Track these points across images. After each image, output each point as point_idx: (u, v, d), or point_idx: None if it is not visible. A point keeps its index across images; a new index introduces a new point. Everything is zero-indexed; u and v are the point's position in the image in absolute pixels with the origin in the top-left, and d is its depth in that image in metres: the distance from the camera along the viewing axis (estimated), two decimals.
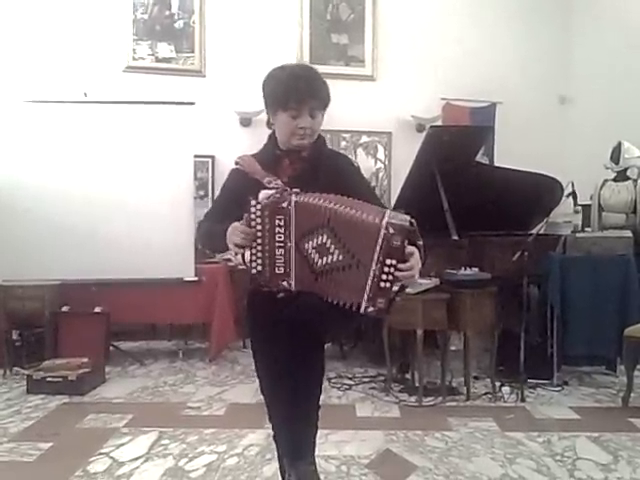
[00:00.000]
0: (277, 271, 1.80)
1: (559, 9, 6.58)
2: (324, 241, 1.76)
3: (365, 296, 1.70)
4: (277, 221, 1.78)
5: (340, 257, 1.74)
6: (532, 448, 2.94)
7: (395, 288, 1.71)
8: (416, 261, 1.70)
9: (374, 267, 1.68)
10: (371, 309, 1.70)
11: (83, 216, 4.54)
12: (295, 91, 1.93)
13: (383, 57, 6.36)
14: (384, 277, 1.68)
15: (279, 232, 1.79)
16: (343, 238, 1.74)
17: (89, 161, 4.64)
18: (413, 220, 1.71)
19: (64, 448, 2.92)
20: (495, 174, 4.44)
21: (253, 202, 1.79)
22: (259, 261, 1.80)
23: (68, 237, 4.50)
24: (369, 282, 1.69)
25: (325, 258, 1.76)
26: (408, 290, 3.53)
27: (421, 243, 1.74)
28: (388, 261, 1.67)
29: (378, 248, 1.67)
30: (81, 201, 4.56)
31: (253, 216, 1.79)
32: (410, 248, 1.70)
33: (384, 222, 1.66)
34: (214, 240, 2.02)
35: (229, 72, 6.05)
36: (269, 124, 2.09)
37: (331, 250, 1.75)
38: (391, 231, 1.65)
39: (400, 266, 1.67)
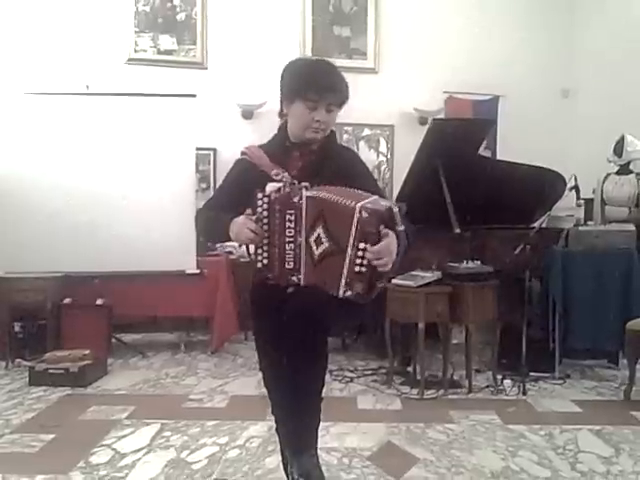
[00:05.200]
0: (287, 266, 1.79)
1: (562, 1, 6.55)
2: (319, 232, 1.75)
3: (343, 280, 1.68)
4: (288, 215, 1.77)
5: (327, 245, 1.73)
6: (534, 441, 2.94)
7: (371, 273, 1.67)
8: (386, 246, 1.65)
9: (350, 252, 1.66)
10: (349, 293, 1.68)
11: (85, 209, 4.54)
12: (317, 83, 1.92)
13: (385, 50, 6.33)
14: (358, 261, 1.65)
15: (289, 227, 1.78)
16: (330, 226, 1.72)
17: (91, 154, 4.64)
18: (394, 206, 1.69)
19: (66, 440, 2.93)
20: (498, 167, 4.42)
21: (260, 195, 1.77)
22: (265, 254, 1.79)
23: (70, 229, 4.50)
24: (346, 266, 1.67)
25: (319, 248, 1.75)
26: (410, 283, 3.55)
27: (401, 229, 1.70)
28: (362, 245, 1.64)
29: (353, 231, 1.65)
30: (83, 193, 4.56)
31: (260, 209, 1.77)
32: (383, 232, 1.66)
33: (358, 206, 1.64)
34: (216, 230, 2.00)
35: (231, 64, 6.02)
36: (281, 114, 2.06)
37: (322, 240, 1.74)
38: (364, 215, 1.63)
39: (370, 249, 1.64)
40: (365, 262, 1.65)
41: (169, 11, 6.02)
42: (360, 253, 1.65)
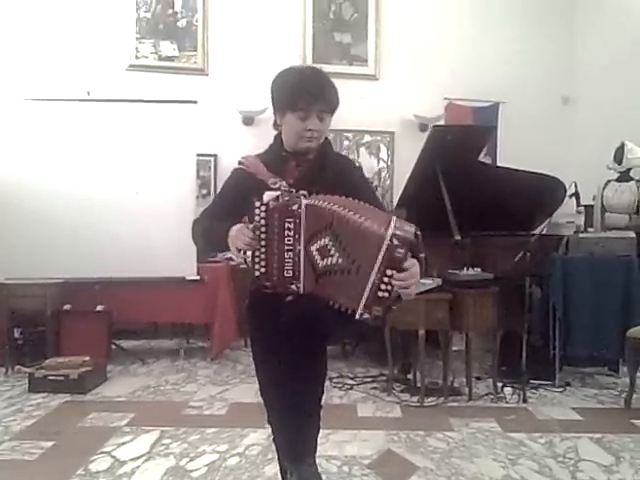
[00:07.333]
0: (286, 274, 1.78)
1: (563, 9, 6.57)
2: (326, 243, 1.74)
3: (362, 303, 1.68)
4: (287, 224, 1.76)
5: (339, 260, 1.72)
6: (534, 449, 2.93)
7: (393, 298, 1.69)
8: (412, 274, 1.67)
9: (374, 276, 1.65)
10: (367, 316, 1.68)
11: (85, 214, 4.54)
12: (305, 92, 1.91)
13: (386, 56, 6.34)
14: (383, 287, 1.66)
15: (288, 235, 1.77)
16: (344, 242, 1.71)
17: (92, 160, 4.64)
18: (418, 232, 1.69)
19: (66, 447, 2.93)
20: (498, 174, 4.42)
21: (258, 203, 1.76)
22: (263, 263, 1.79)
23: (70, 236, 4.50)
24: (367, 290, 1.67)
25: (325, 260, 1.74)
26: None
27: (423, 256, 1.72)
28: (389, 272, 1.64)
29: (380, 258, 1.64)
30: (83, 200, 4.56)
31: (258, 217, 1.77)
32: (410, 261, 1.67)
33: (389, 233, 1.63)
34: (213, 239, 2.00)
35: (232, 71, 6.04)
36: (276, 125, 2.06)
37: (331, 252, 1.73)
38: (395, 242, 1.63)
39: (397, 276, 1.65)
40: (389, 288, 1.66)
41: (170, 17, 6.04)
42: (386, 279, 1.65)
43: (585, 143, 6.08)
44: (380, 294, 1.66)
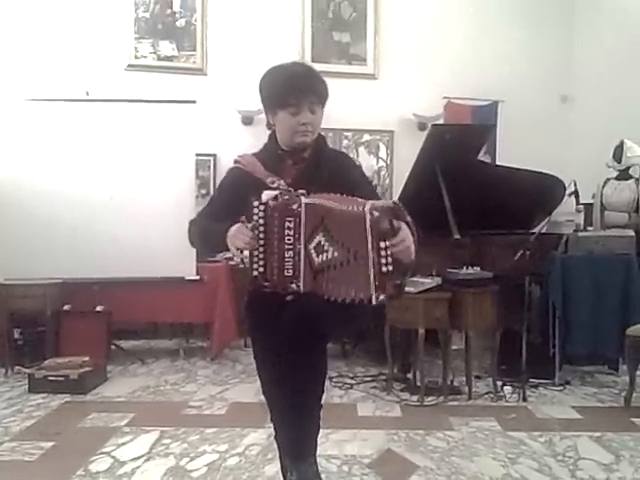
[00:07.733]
0: (286, 274, 1.78)
1: (562, 8, 6.57)
2: (319, 239, 1.75)
3: (372, 286, 1.66)
4: (287, 223, 1.76)
5: (335, 254, 1.72)
6: (534, 448, 2.93)
7: (398, 270, 1.67)
8: (404, 236, 1.66)
9: (371, 255, 1.65)
10: (382, 297, 1.66)
11: (85, 214, 4.54)
12: (293, 88, 1.92)
13: (385, 55, 6.35)
14: (383, 261, 1.64)
15: (288, 234, 1.77)
16: (336, 235, 1.72)
17: (91, 160, 4.64)
18: (397, 201, 1.70)
19: (66, 447, 2.92)
20: (497, 173, 4.42)
21: (256, 203, 1.76)
22: (261, 262, 1.79)
23: (69, 236, 4.50)
24: (371, 271, 1.66)
25: (321, 256, 1.74)
26: (410, 289, 3.54)
27: (409, 219, 1.70)
28: (382, 244, 1.64)
29: (369, 235, 1.64)
30: (83, 199, 4.56)
31: (256, 217, 1.76)
32: (397, 223, 1.66)
33: (367, 208, 1.64)
34: (210, 239, 1.99)
35: (231, 70, 6.04)
36: (269, 125, 2.05)
37: (325, 247, 1.74)
38: (375, 214, 1.63)
39: (393, 242, 1.64)
40: (390, 260, 1.64)
41: (169, 17, 6.04)
42: (383, 253, 1.64)
43: (584, 141, 6.08)
44: (384, 269, 1.65)
